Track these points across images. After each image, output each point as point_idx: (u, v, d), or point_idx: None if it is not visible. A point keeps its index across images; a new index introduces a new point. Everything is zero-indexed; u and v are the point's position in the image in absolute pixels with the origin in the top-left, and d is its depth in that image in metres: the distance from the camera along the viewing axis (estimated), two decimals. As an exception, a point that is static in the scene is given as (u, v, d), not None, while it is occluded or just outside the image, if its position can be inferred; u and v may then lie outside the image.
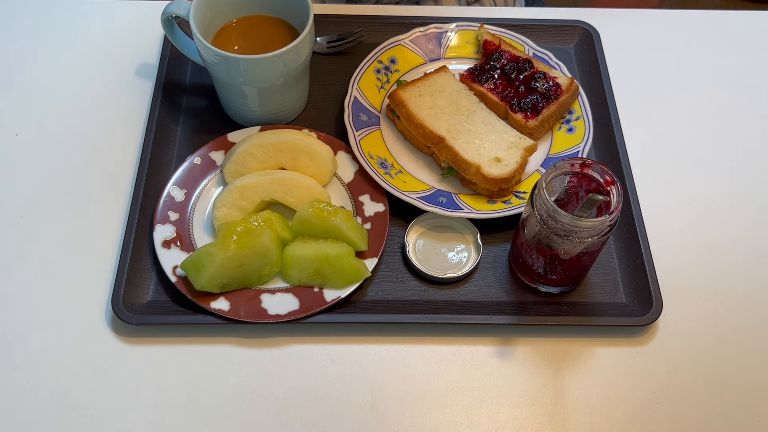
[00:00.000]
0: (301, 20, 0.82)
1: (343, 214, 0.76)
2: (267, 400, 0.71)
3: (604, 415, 0.72)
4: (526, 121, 0.84)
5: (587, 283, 0.78)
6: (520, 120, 0.85)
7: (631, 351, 0.75)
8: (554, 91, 0.85)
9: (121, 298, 0.74)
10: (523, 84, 0.87)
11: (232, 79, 0.81)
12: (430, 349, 0.75)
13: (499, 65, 0.88)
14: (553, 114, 0.85)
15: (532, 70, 0.87)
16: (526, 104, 0.85)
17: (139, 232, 0.78)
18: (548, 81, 0.86)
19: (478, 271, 0.79)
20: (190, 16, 0.79)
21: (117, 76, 0.92)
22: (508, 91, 0.87)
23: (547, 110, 0.85)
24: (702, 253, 0.81)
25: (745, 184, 0.87)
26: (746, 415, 0.72)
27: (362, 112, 0.87)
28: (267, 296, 0.75)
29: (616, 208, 0.67)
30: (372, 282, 0.78)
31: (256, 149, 0.80)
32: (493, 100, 0.87)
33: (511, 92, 0.87)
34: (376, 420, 0.71)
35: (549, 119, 0.85)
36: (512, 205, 0.80)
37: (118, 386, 0.72)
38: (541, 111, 0.85)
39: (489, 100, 0.87)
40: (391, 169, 0.83)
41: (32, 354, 0.73)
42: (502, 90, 0.87)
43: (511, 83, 0.87)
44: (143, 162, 0.82)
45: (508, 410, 0.72)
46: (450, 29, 0.93)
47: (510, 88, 0.87)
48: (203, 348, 0.74)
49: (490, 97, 0.87)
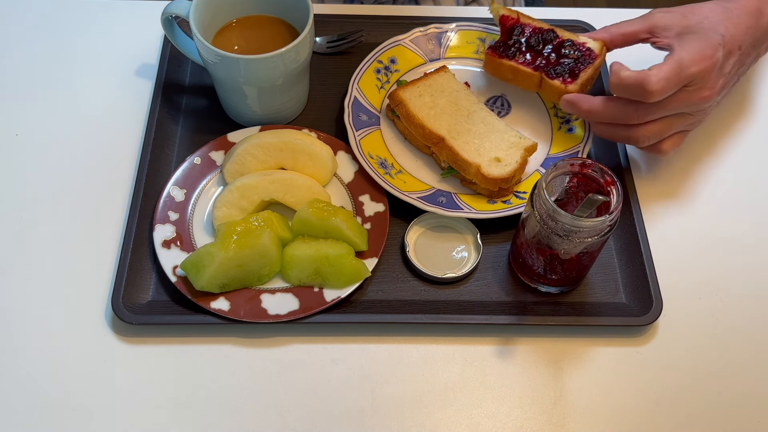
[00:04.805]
0: (301, 20, 0.82)
1: (343, 214, 0.76)
2: (267, 400, 0.71)
3: (604, 415, 0.72)
4: (566, 86, 0.82)
5: (587, 283, 0.78)
6: (559, 86, 0.82)
7: (631, 351, 0.75)
8: (588, 55, 0.83)
9: (121, 298, 0.74)
10: (554, 52, 0.84)
11: (232, 79, 0.81)
12: (430, 349, 0.75)
13: (523, 38, 0.85)
14: (590, 78, 0.83)
15: (559, 39, 0.85)
16: (562, 70, 0.82)
17: (139, 232, 0.78)
18: (578, 47, 0.83)
19: (478, 271, 0.79)
20: (190, 16, 0.79)
21: (117, 76, 0.92)
22: (539, 61, 0.84)
23: (585, 74, 0.82)
24: (702, 253, 0.81)
25: (745, 184, 0.87)
26: (746, 415, 0.72)
27: (362, 112, 0.87)
28: (267, 296, 0.75)
29: (616, 208, 0.67)
30: (372, 282, 0.78)
31: (256, 149, 0.80)
32: (526, 71, 0.84)
33: (543, 62, 0.84)
34: (376, 420, 0.71)
35: (587, 83, 0.83)
36: (512, 205, 0.80)
37: (118, 386, 0.72)
38: (578, 75, 0.82)
39: (521, 72, 0.84)
40: (391, 169, 0.83)
41: (32, 354, 0.73)
42: (532, 61, 0.84)
43: (540, 53, 0.84)
44: (143, 162, 0.82)
45: (508, 410, 0.72)
46: (450, 29, 0.93)
47: (540, 59, 0.84)
48: (203, 348, 0.74)
49: (523, 69, 0.84)
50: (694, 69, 0.73)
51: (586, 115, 0.79)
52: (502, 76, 0.87)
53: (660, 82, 0.72)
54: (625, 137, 0.79)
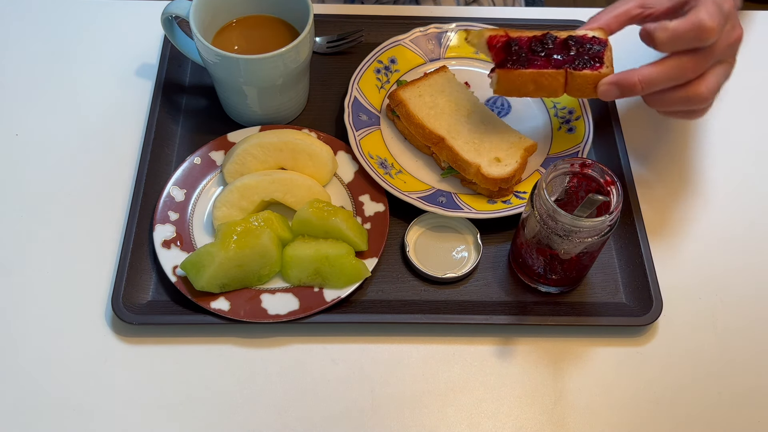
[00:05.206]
0: (301, 20, 0.82)
1: (343, 214, 0.76)
2: (267, 400, 0.71)
3: (604, 415, 0.72)
4: (599, 71, 0.75)
5: (587, 283, 0.78)
6: (591, 74, 0.75)
7: (631, 351, 0.75)
8: (597, 42, 0.77)
9: (121, 298, 0.74)
10: (564, 50, 0.77)
11: (232, 79, 0.81)
12: (430, 349, 0.75)
13: (524, 49, 0.77)
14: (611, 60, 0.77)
15: (559, 38, 0.78)
16: (585, 60, 0.76)
17: (139, 232, 0.78)
18: (582, 38, 0.78)
19: (478, 271, 0.79)
20: (190, 16, 0.79)
21: (117, 76, 0.92)
22: (555, 60, 0.77)
23: (607, 57, 0.77)
24: (702, 253, 0.81)
25: (745, 184, 0.87)
26: (746, 415, 0.72)
27: (362, 112, 0.87)
28: (267, 296, 0.75)
29: (616, 208, 0.67)
30: (372, 282, 0.78)
31: (256, 149, 0.80)
32: (550, 73, 0.76)
33: (561, 58, 0.77)
34: (376, 420, 0.71)
35: (611, 65, 0.77)
36: (512, 205, 0.80)
37: (118, 386, 0.72)
38: (603, 59, 0.76)
39: (545, 76, 0.76)
40: (391, 169, 0.83)
41: (32, 354, 0.73)
42: (549, 63, 0.77)
43: (551, 54, 0.77)
44: (143, 162, 0.82)
45: (508, 410, 0.72)
46: (450, 29, 0.93)
47: (555, 58, 0.77)
48: (203, 348, 0.74)
49: (546, 72, 0.76)
50: (726, 5, 0.70)
51: (640, 87, 0.72)
52: (522, 91, 0.78)
53: (713, 17, 0.68)
54: (685, 98, 0.73)
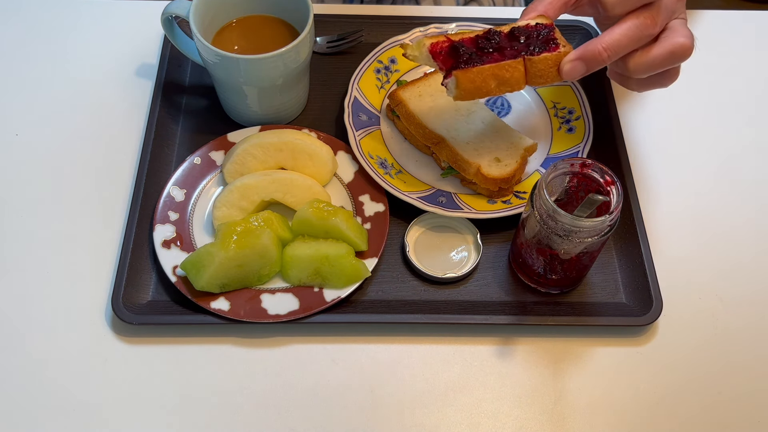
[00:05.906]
0: (301, 20, 0.82)
1: (343, 214, 0.76)
2: (267, 400, 0.71)
3: (604, 415, 0.72)
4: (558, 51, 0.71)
5: (587, 283, 0.78)
6: (549, 56, 0.71)
7: (631, 351, 0.75)
8: (543, 27, 0.72)
9: (121, 298, 0.74)
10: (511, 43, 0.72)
11: (232, 79, 0.81)
12: (430, 349, 0.75)
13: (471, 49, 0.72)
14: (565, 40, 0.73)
15: (503, 32, 0.73)
16: (539, 45, 0.72)
17: (139, 232, 0.78)
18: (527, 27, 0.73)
19: (478, 271, 0.79)
20: (190, 16, 0.79)
21: (117, 76, 0.92)
22: (509, 51, 0.72)
23: (560, 38, 0.72)
24: (702, 253, 0.81)
25: (745, 184, 0.87)
26: (746, 415, 0.72)
27: (362, 112, 0.87)
28: (267, 296, 0.75)
29: (616, 208, 0.67)
30: (372, 282, 0.78)
31: (256, 149, 0.80)
32: (509, 63, 0.71)
33: (515, 48, 0.72)
34: (376, 420, 0.71)
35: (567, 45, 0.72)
36: (512, 205, 0.80)
37: (118, 386, 0.72)
38: (557, 41, 0.72)
39: (504, 68, 0.71)
40: (391, 169, 0.83)
41: (32, 354, 0.73)
42: (504, 55, 0.72)
43: (501, 50, 0.72)
44: (143, 162, 0.82)
45: (508, 410, 0.72)
46: (450, 29, 0.93)
47: (508, 49, 0.72)
48: (203, 348, 0.74)
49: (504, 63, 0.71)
50: None
51: (606, 54, 0.69)
52: (484, 90, 0.72)
53: None
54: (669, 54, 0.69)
